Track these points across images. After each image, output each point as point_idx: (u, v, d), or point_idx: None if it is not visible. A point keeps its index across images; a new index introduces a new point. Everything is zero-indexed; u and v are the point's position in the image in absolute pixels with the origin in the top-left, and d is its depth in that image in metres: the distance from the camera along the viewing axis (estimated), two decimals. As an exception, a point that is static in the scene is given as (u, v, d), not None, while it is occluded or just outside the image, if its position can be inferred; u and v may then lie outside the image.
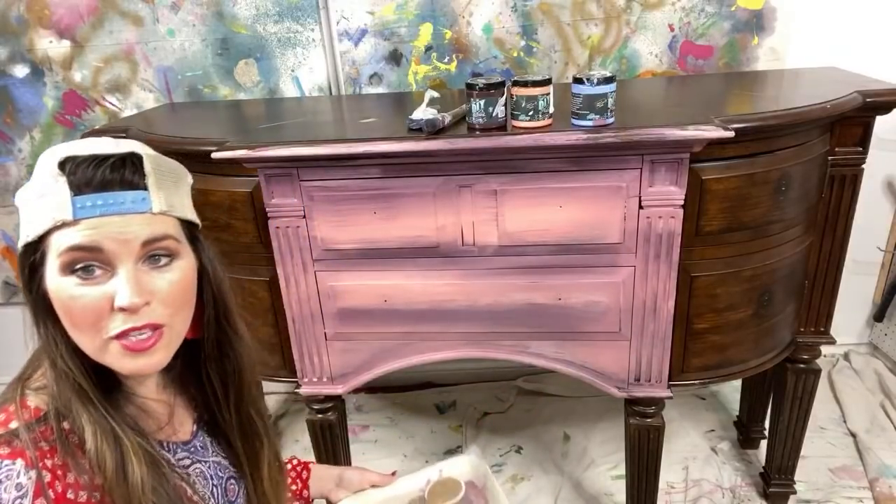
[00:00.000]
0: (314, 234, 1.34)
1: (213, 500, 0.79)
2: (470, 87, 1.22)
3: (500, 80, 1.22)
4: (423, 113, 1.26)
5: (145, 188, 0.67)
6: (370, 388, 2.27)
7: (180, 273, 0.70)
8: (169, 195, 0.70)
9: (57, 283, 0.65)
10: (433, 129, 1.23)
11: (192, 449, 0.80)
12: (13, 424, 0.65)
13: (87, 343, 0.67)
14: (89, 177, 0.64)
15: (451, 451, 2.00)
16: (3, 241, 2.20)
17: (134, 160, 0.67)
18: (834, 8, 1.83)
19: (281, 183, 1.30)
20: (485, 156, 1.24)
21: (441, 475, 1.09)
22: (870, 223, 1.98)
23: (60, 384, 0.68)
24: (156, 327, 0.68)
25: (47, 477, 0.63)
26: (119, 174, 0.65)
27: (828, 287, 1.45)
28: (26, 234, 0.66)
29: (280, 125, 1.53)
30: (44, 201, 0.65)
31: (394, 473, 1.09)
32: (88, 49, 1.93)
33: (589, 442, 1.98)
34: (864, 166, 1.35)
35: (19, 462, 0.62)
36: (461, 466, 1.11)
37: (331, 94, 1.94)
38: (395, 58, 1.90)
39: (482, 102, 1.22)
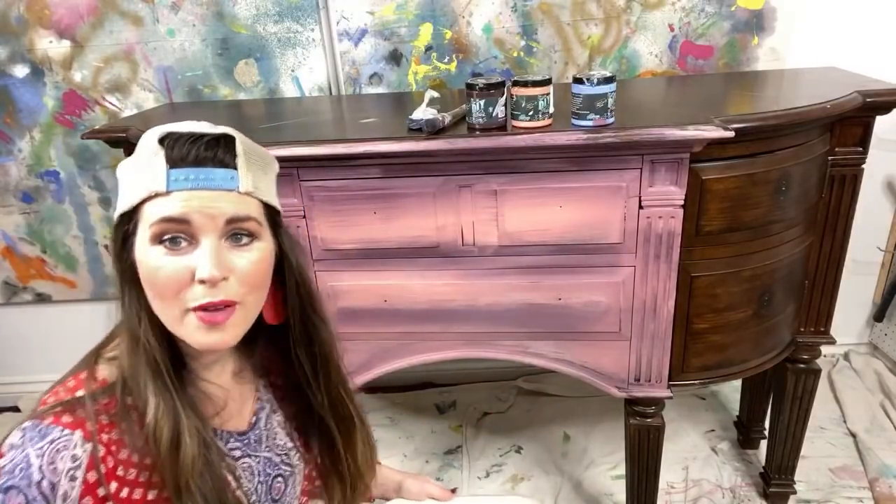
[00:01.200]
0: (314, 234, 1.34)
1: (255, 496, 0.80)
2: (470, 87, 1.22)
3: (500, 80, 1.22)
4: (423, 113, 1.26)
5: (235, 168, 0.70)
6: (370, 388, 2.27)
7: (259, 254, 0.72)
8: (256, 178, 0.73)
9: (145, 252, 0.68)
10: (433, 129, 1.23)
11: (246, 441, 0.82)
12: (80, 392, 0.68)
13: (167, 313, 0.69)
14: (185, 152, 0.68)
15: (451, 451, 2.00)
16: (3, 241, 2.20)
17: (227, 140, 0.70)
18: (834, 8, 1.83)
19: (281, 183, 1.29)
20: (485, 156, 1.24)
21: None
22: (870, 223, 1.98)
23: (135, 355, 0.70)
24: (230, 304, 0.70)
25: (101, 451, 0.66)
26: (213, 152, 0.69)
27: (828, 287, 1.45)
28: (123, 204, 0.69)
29: (280, 125, 1.53)
30: (141, 173, 0.68)
31: (454, 490, 1.09)
32: (88, 49, 1.93)
33: (589, 442, 1.98)
34: (864, 166, 1.35)
35: (78, 433, 0.65)
36: None
37: (331, 94, 1.94)
38: (395, 58, 1.90)
39: (482, 102, 1.22)
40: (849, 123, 1.31)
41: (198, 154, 0.68)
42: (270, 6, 1.86)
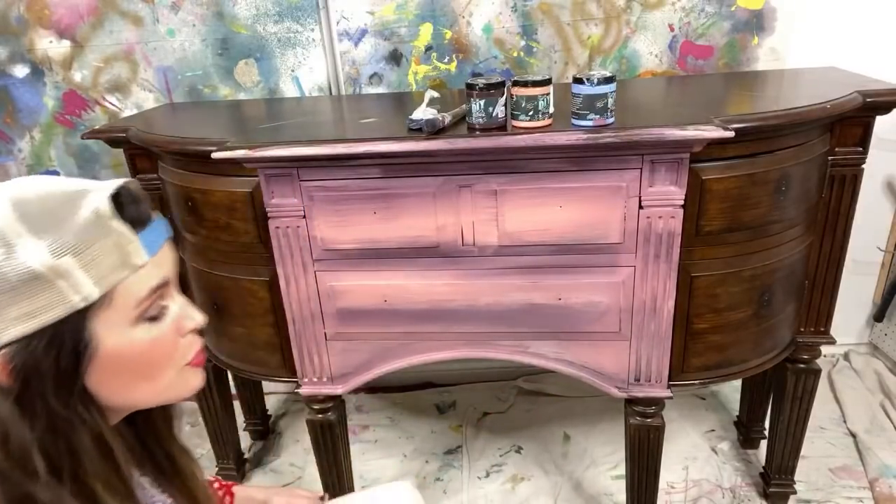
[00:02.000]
0: (314, 234, 1.34)
1: None
2: (470, 87, 1.22)
3: (500, 80, 1.22)
4: (423, 113, 1.26)
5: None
6: (370, 388, 2.27)
7: None
8: None
9: (127, 337, 0.59)
10: (433, 129, 1.23)
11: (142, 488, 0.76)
12: None
13: (159, 383, 0.63)
14: (137, 212, 0.61)
15: (451, 451, 2.00)
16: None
17: (135, 189, 0.63)
18: (834, 8, 1.83)
19: (281, 183, 1.30)
20: (485, 156, 1.24)
21: None
22: (870, 223, 1.98)
23: (94, 479, 0.59)
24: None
25: None
26: (145, 205, 0.63)
27: (828, 287, 1.45)
28: (77, 301, 0.55)
29: (280, 125, 1.53)
30: (98, 251, 0.56)
31: (322, 498, 1.04)
32: (88, 49, 1.93)
33: (589, 442, 1.98)
34: (864, 166, 1.35)
35: None
36: (395, 495, 1.09)
37: (331, 94, 1.94)
38: (395, 58, 1.90)
39: (482, 102, 1.22)
40: (849, 123, 1.31)
41: (142, 209, 0.62)
42: (270, 6, 1.86)
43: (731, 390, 2.15)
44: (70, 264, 0.55)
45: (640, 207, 1.24)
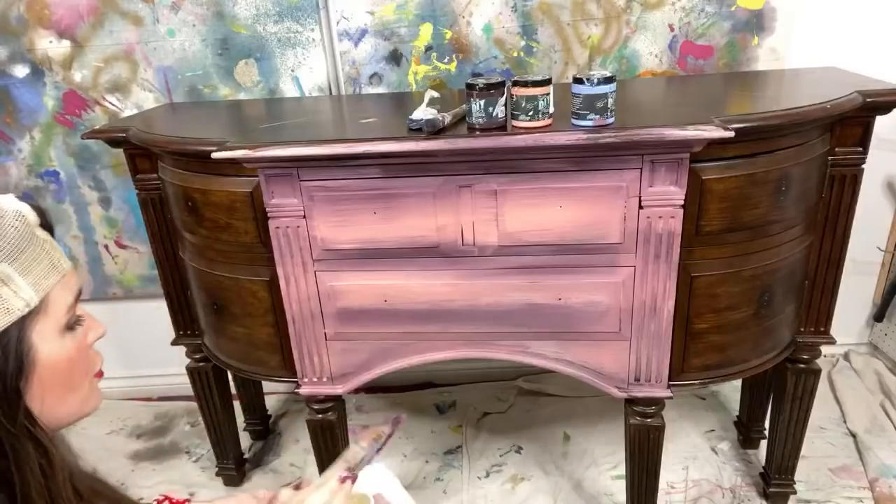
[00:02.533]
0: (314, 234, 1.34)
1: None
2: (470, 87, 1.22)
3: (500, 80, 1.22)
4: (423, 113, 1.26)
5: None
6: (370, 388, 2.27)
7: None
8: None
9: (60, 345, 0.59)
10: (433, 129, 1.23)
11: None
12: None
13: (78, 394, 0.62)
14: (48, 223, 0.62)
15: (451, 451, 2.00)
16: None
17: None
18: (834, 8, 1.83)
19: (281, 183, 1.30)
20: (485, 156, 1.24)
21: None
22: (870, 223, 1.98)
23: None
24: None
25: None
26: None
27: (828, 287, 1.45)
28: (20, 308, 0.55)
29: (280, 125, 1.53)
30: (31, 258, 0.57)
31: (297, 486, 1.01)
32: (88, 49, 1.93)
33: (589, 442, 1.98)
34: (864, 166, 1.35)
35: None
36: (369, 479, 1.09)
37: (331, 94, 1.94)
38: (395, 58, 1.90)
39: (482, 102, 1.22)
40: (849, 123, 1.31)
41: (50, 222, 0.62)
42: (270, 6, 1.86)
43: (731, 390, 2.15)
44: (9, 270, 0.54)
45: (640, 207, 1.24)
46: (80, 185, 2.10)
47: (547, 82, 1.19)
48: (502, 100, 1.22)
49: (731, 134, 1.13)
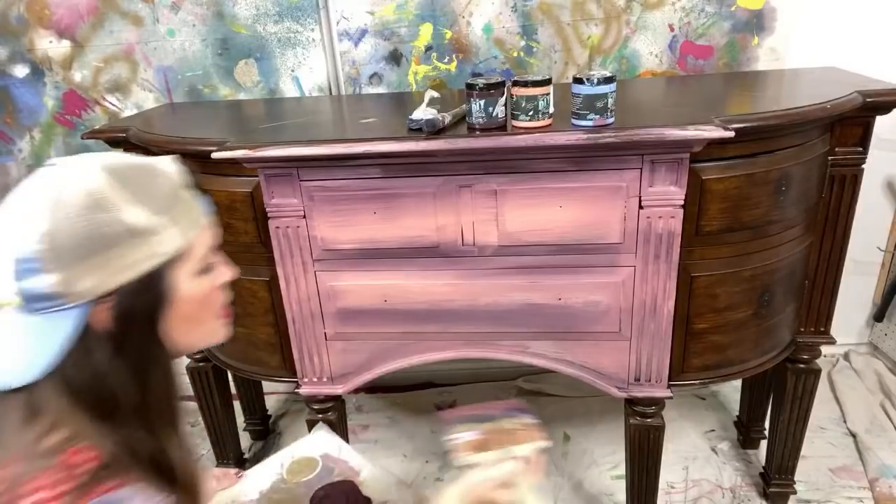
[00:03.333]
0: (314, 234, 1.34)
1: None
2: (470, 87, 1.22)
3: (500, 80, 1.22)
4: (423, 113, 1.26)
5: None
6: (370, 388, 2.27)
7: None
8: None
9: (196, 285, 0.70)
10: (433, 129, 1.23)
11: None
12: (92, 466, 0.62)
13: (206, 327, 0.74)
14: (194, 182, 0.72)
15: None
16: (3, 241, 2.20)
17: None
18: (834, 8, 1.83)
19: (281, 183, 1.30)
20: (485, 156, 1.24)
21: (294, 458, 1.13)
22: (870, 223, 1.98)
23: (153, 414, 0.68)
24: None
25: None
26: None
27: (828, 287, 1.45)
28: (170, 251, 0.66)
29: (280, 125, 1.53)
30: (182, 211, 0.68)
31: (237, 474, 1.09)
32: (88, 49, 1.93)
33: (589, 442, 1.98)
34: (864, 166, 1.35)
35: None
36: (312, 444, 1.13)
37: (331, 94, 1.94)
38: (395, 58, 1.90)
39: (482, 102, 1.21)
40: (849, 123, 1.31)
41: (194, 180, 0.72)
42: (270, 6, 1.86)
43: (731, 390, 2.14)
44: (162, 223, 0.65)
45: (640, 207, 1.24)
46: (80, 185, 2.10)
47: (547, 82, 1.19)
48: (502, 100, 1.22)
49: (731, 134, 1.13)
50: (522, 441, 0.96)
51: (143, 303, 0.65)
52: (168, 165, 0.70)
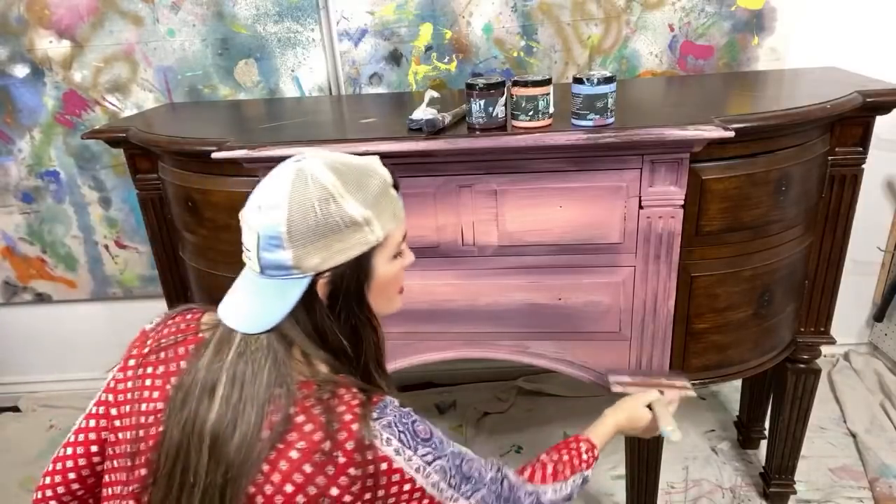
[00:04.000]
0: (314, 234, 1.34)
1: None
2: (470, 87, 1.22)
3: (500, 80, 1.22)
4: (423, 113, 1.26)
5: None
6: (370, 388, 2.26)
7: None
8: None
9: (389, 267, 0.83)
10: (433, 129, 1.23)
11: None
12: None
13: (394, 300, 0.88)
14: (397, 182, 0.85)
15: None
16: (4, 241, 2.20)
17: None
18: (834, 8, 1.83)
19: (281, 183, 1.30)
20: (485, 156, 1.24)
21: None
22: (870, 223, 1.98)
23: (372, 363, 0.86)
24: None
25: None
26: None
27: (828, 287, 1.45)
28: (377, 237, 0.79)
29: (280, 125, 1.53)
30: (386, 206, 0.81)
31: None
32: (88, 49, 1.93)
33: (589, 442, 1.98)
34: (864, 166, 1.35)
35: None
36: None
37: (331, 94, 1.94)
38: (395, 58, 1.90)
39: (482, 102, 1.22)
40: (849, 123, 1.31)
41: (397, 180, 0.85)
42: (270, 6, 1.86)
43: (731, 390, 2.15)
44: (373, 216, 0.78)
45: (640, 207, 1.24)
46: (80, 185, 2.10)
47: (547, 82, 1.19)
48: (502, 100, 1.22)
49: (731, 134, 1.13)
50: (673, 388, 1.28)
51: (351, 279, 0.79)
52: (379, 166, 0.82)
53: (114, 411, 0.82)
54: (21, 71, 1.97)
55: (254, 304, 0.80)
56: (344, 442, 0.72)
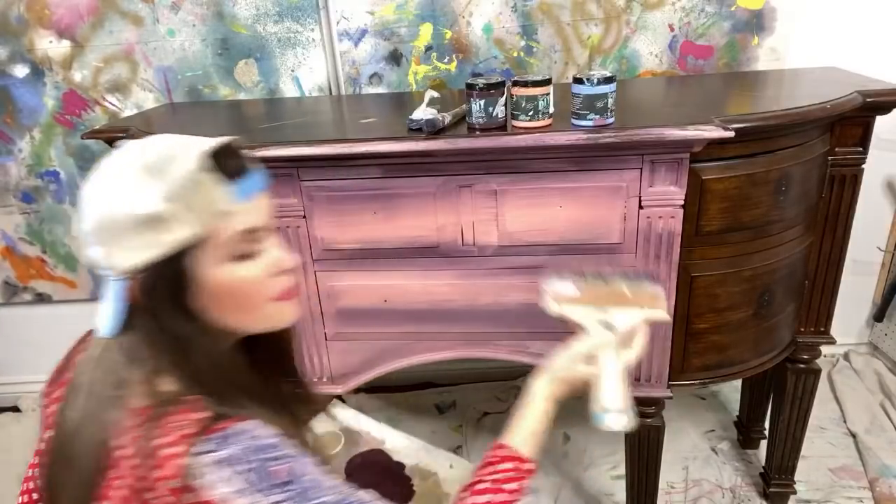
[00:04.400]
0: (314, 234, 1.34)
1: None
2: (470, 87, 1.22)
3: (500, 80, 1.22)
4: (423, 113, 1.26)
5: (254, 168, 0.74)
6: (370, 388, 2.27)
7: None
8: None
9: (221, 272, 0.70)
10: (433, 129, 1.23)
11: None
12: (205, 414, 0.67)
13: (253, 315, 0.74)
14: (232, 163, 0.71)
15: (451, 451, 1.99)
16: (3, 241, 2.20)
17: (237, 145, 0.74)
18: (834, 8, 1.83)
19: (281, 183, 1.30)
20: (485, 156, 1.24)
21: (315, 435, 1.09)
22: (870, 223, 1.98)
23: (223, 385, 0.71)
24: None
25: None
26: (242, 159, 0.73)
27: (828, 287, 1.45)
28: (184, 237, 0.67)
29: (280, 125, 1.53)
30: (201, 197, 0.67)
31: None
32: (88, 49, 1.93)
33: (589, 442, 1.98)
34: (864, 166, 1.35)
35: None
36: (330, 421, 1.16)
37: (331, 94, 1.94)
38: (395, 58, 1.90)
39: (482, 102, 1.22)
40: (849, 123, 1.31)
41: (239, 163, 0.72)
42: (270, 6, 1.86)
43: (731, 390, 2.14)
44: (178, 208, 0.66)
45: (640, 207, 1.24)
46: (80, 185, 2.10)
47: (547, 82, 1.19)
48: (502, 100, 1.22)
49: (731, 134, 1.13)
50: (631, 306, 0.84)
51: (163, 283, 0.68)
52: (195, 151, 0.69)
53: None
54: (21, 71, 1.97)
55: (105, 306, 0.71)
56: (166, 479, 0.62)
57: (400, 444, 1.08)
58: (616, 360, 0.83)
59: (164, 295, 0.69)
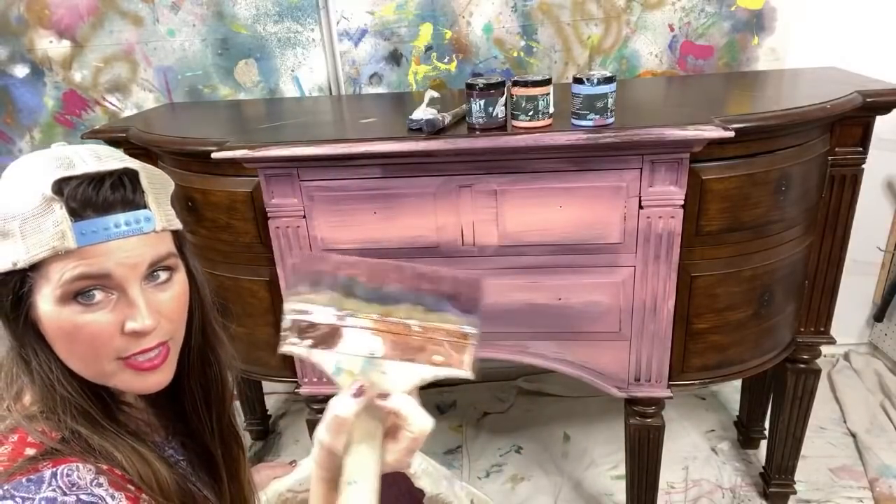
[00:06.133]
0: (314, 234, 1.34)
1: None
2: (470, 87, 1.22)
3: (500, 80, 1.22)
4: (423, 113, 1.26)
5: (146, 206, 0.64)
6: (370, 388, 2.26)
7: (180, 287, 0.69)
8: (165, 209, 0.68)
9: (56, 312, 0.62)
10: (433, 129, 1.23)
11: (174, 446, 0.79)
12: (30, 452, 0.62)
13: (92, 368, 0.65)
14: (89, 198, 0.60)
15: (451, 451, 1.99)
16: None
17: (131, 177, 0.64)
18: (834, 8, 1.83)
19: (281, 183, 1.30)
20: (485, 156, 1.24)
21: None
22: (870, 223, 1.98)
23: (64, 413, 0.65)
24: (162, 344, 0.67)
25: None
26: (120, 194, 0.62)
27: (828, 287, 1.45)
28: (10, 262, 0.61)
29: (280, 125, 1.53)
30: (35, 226, 0.60)
31: (292, 463, 1.05)
32: (88, 49, 1.93)
33: (589, 442, 1.98)
34: (864, 166, 1.35)
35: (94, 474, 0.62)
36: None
37: (331, 94, 1.94)
38: (395, 58, 1.90)
39: (482, 102, 1.22)
40: (849, 123, 1.31)
41: (105, 199, 0.61)
42: (270, 6, 1.86)
43: (731, 390, 2.14)
44: (12, 229, 0.60)
45: (640, 207, 1.24)
46: (80, 185, 2.10)
47: (547, 82, 1.19)
48: (502, 100, 1.22)
49: (731, 134, 1.13)
50: (415, 353, 0.60)
51: (2, 298, 0.63)
52: (50, 177, 0.60)
53: None
54: (21, 71, 1.97)
55: None
56: None
57: (425, 471, 1.06)
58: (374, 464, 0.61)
59: (6, 310, 0.64)
